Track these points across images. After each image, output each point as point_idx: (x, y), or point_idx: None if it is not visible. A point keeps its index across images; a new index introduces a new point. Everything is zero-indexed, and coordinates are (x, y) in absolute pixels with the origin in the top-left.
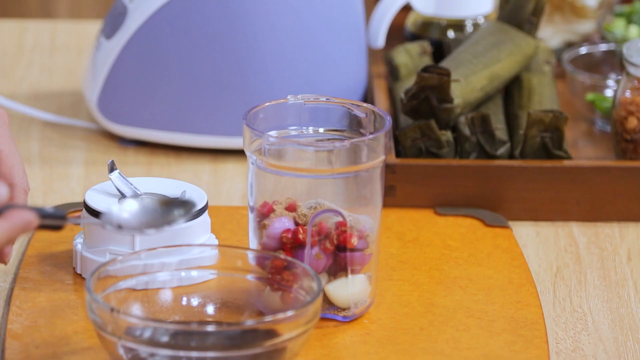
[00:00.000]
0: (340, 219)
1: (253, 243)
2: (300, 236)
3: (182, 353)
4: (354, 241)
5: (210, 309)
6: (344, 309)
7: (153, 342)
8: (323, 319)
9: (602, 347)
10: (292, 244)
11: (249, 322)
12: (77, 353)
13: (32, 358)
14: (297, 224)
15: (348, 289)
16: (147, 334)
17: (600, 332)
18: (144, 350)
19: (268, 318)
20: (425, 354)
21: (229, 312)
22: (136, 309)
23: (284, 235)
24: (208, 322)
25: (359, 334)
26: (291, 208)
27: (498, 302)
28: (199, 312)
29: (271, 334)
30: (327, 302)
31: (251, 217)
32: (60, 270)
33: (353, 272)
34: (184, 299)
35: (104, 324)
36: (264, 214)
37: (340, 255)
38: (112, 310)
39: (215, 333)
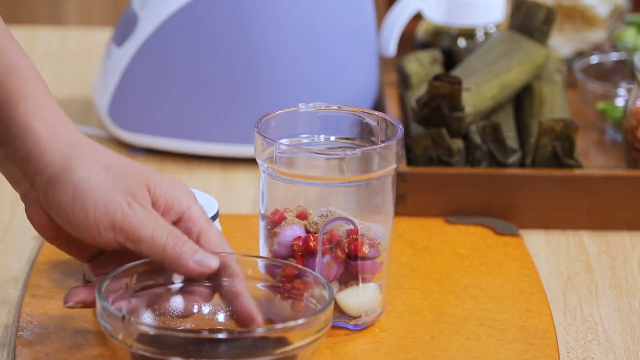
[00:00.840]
0: (351, 227)
1: (264, 251)
2: (311, 244)
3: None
4: (365, 249)
5: (220, 317)
6: (354, 318)
7: (164, 350)
8: (334, 327)
9: (612, 357)
10: (303, 252)
11: (260, 330)
12: None
13: None
14: (308, 231)
15: (359, 298)
16: (158, 341)
17: (611, 341)
18: (154, 357)
19: (279, 326)
20: None
21: None
22: (147, 317)
23: (294, 243)
24: (219, 330)
25: (370, 343)
26: (302, 216)
27: (509, 311)
28: (209, 319)
29: (282, 342)
30: (338, 311)
31: (262, 225)
32: (71, 277)
33: (364, 280)
34: (195, 306)
35: (114, 331)
36: (275, 221)
37: (351, 264)
38: (123, 317)
39: (226, 340)
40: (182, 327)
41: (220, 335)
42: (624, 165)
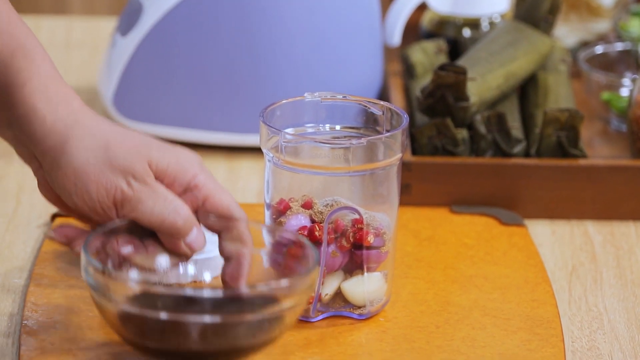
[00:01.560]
0: (356, 216)
1: (269, 241)
2: (317, 234)
3: (180, 317)
4: (370, 239)
5: (207, 277)
6: (359, 307)
7: (147, 307)
8: (339, 316)
9: (617, 346)
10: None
11: (245, 290)
12: (92, 349)
13: (47, 354)
14: (313, 221)
15: (364, 287)
16: (141, 298)
17: (616, 331)
18: (137, 314)
19: (266, 286)
20: (441, 352)
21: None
22: (132, 273)
23: (300, 232)
24: (203, 288)
25: (375, 332)
26: (307, 205)
27: (514, 301)
28: (196, 279)
29: (270, 301)
30: (343, 300)
31: (267, 215)
32: (76, 266)
33: (369, 270)
34: (182, 265)
35: (98, 288)
36: (281, 211)
37: (356, 253)
38: (104, 271)
39: (211, 299)
40: (167, 284)
41: (206, 293)
42: (628, 155)
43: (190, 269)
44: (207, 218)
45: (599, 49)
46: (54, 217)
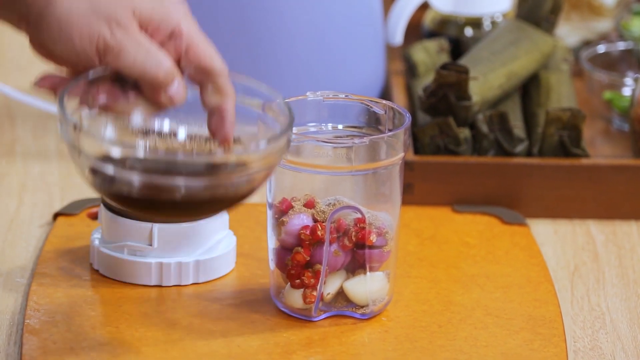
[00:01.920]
0: (359, 215)
1: (272, 240)
2: (319, 233)
3: (153, 177)
4: (373, 238)
5: (181, 136)
6: (362, 307)
7: (118, 166)
8: (341, 316)
9: (620, 346)
10: (311, 241)
11: (219, 153)
12: (94, 349)
13: (49, 354)
14: (315, 220)
15: (366, 286)
16: (113, 156)
17: (618, 330)
18: (111, 172)
19: (238, 150)
20: (444, 351)
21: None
22: (108, 129)
23: (302, 232)
24: (179, 150)
25: (377, 332)
26: (310, 205)
27: (516, 300)
28: (170, 139)
29: (241, 165)
30: (345, 299)
31: (270, 214)
32: (78, 266)
33: (371, 269)
34: (156, 123)
35: (70, 141)
36: (283, 210)
37: (358, 253)
38: (75, 126)
39: (185, 162)
40: (140, 143)
41: (180, 156)
42: (630, 155)
43: (168, 122)
44: (189, 69)
45: (601, 49)
46: (56, 216)
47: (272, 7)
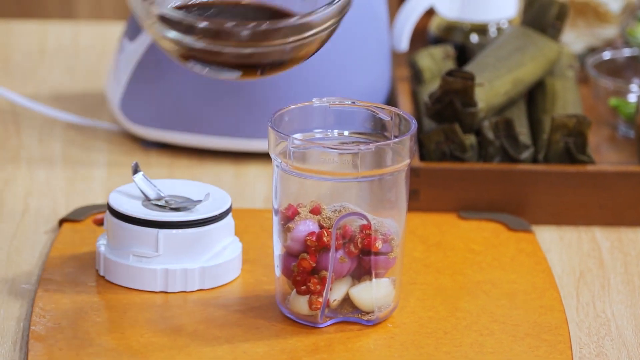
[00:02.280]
0: (364, 222)
1: (277, 246)
2: (325, 239)
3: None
4: (379, 245)
5: None
6: (367, 313)
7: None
8: (347, 322)
9: (625, 353)
10: (317, 247)
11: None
12: (100, 355)
13: None
14: (321, 227)
15: (372, 293)
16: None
17: (624, 337)
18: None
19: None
20: (450, 358)
21: None
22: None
23: (308, 238)
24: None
25: (383, 338)
26: (316, 211)
27: (522, 307)
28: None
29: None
30: (351, 306)
31: (275, 220)
32: (84, 272)
33: (377, 275)
34: None
35: (141, 16)
36: (289, 216)
37: (364, 259)
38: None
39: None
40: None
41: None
42: (636, 161)
43: None
44: None
45: (607, 55)
46: (62, 222)
47: None
